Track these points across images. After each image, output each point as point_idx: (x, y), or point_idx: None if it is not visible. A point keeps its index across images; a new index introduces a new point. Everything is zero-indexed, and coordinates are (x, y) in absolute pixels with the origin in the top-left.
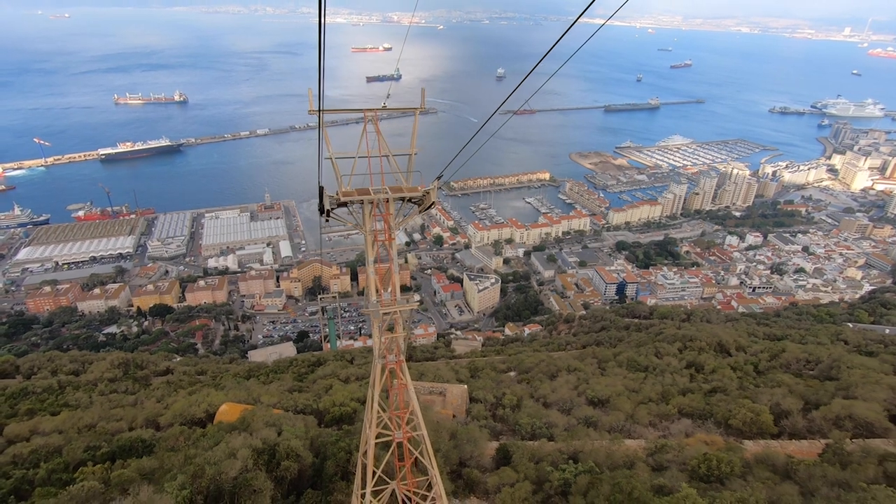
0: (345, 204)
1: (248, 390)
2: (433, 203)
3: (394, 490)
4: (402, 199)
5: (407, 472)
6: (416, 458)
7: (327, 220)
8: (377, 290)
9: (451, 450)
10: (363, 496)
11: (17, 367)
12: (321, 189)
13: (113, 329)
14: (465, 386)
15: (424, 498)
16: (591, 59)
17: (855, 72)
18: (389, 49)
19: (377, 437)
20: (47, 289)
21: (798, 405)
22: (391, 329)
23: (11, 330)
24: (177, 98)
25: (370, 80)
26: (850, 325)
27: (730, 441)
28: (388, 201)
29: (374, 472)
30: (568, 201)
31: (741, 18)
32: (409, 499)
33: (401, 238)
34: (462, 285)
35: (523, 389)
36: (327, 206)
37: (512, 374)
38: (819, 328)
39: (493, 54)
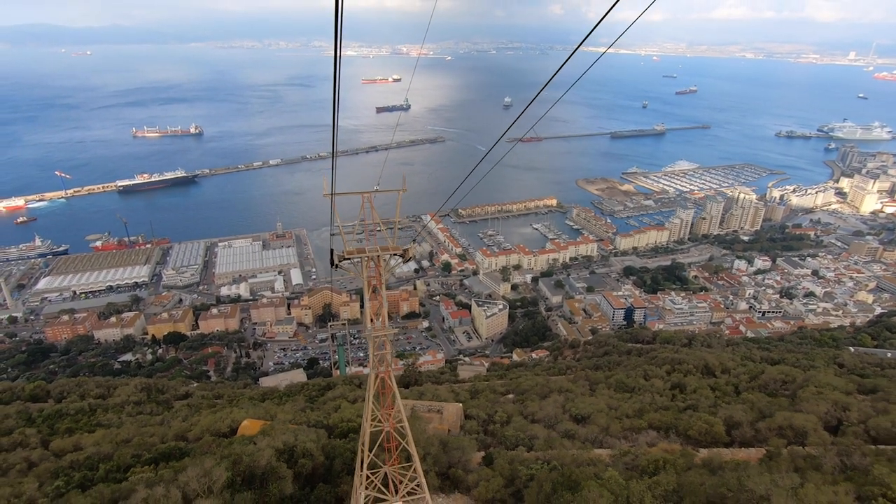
0: (348, 258)
1: (265, 409)
2: (412, 257)
3: (386, 473)
4: (389, 255)
5: (393, 454)
6: (403, 448)
7: (335, 269)
8: (371, 319)
9: (440, 454)
10: (362, 475)
11: (48, 391)
12: (332, 251)
13: (128, 357)
14: (461, 405)
15: (411, 479)
16: (596, 87)
17: (861, 95)
18: (399, 80)
19: (371, 428)
20: (65, 317)
21: (749, 417)
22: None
23: (30, 358)
24: (192, 131)
25: (380, 110)
26: (852, 349)
27: (686, 448)
28: (378, 257)
29: (368, 454)
30: (575, 227)
31: (745, 44)
32: (399, 481)
33: (410, 265)
34: (470, 311)
35: (515, 408)
36: (336, 262)
37: (510, 396)
38: (818, 352)
39: (500, 83)
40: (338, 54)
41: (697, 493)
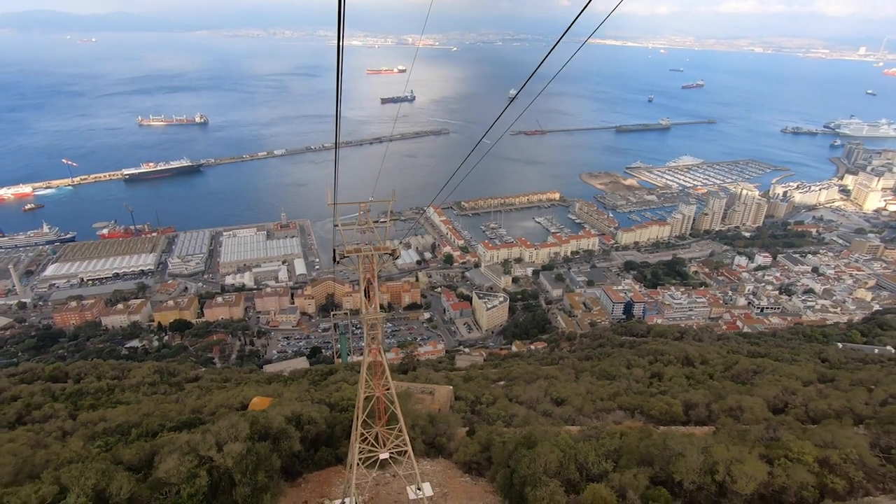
0: (347, 256)
1: (272, 389)
2: (399, 255)
3: (377, 433)
4: (381, 253)
5: (382, 417)
6: (392, 413)
7: (337, 264)
8: (366, 306)
9: (428, 427)
10: (357, 433)
11: (67, 372)
12: (334, 250)
13: (135, 343)
14: (451, 387)
15: (397, 437)
16: (602, 80)
17: (870, 91)
18: (404, 71)
19: (365, 394)
20: (73, 304)
21: (705, 400)
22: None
23: (40, 343)
24: (197, 120)
25: (384, 101)
26: (840, 344)
27: (646, 425)
28: (371, 255)
29: (362, 416)
30: (577, 221)
31: (754, 38)
32: (387, 438)
33: (412, 257)
34: (471, 303)
35: (501, 391)
36: (337, 259)
37: (501, 382)
38: (804, 347)
39: (505, 75)
40: (340, 62)
41: (633, 452)
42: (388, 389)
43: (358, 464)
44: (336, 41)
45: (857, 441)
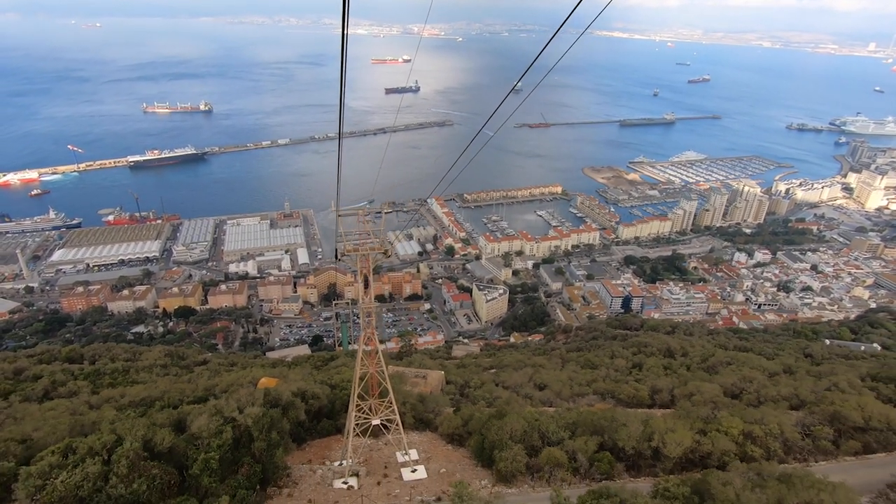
0: (347, 254)
1: (278, 371)
2: (391, 254)
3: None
4: (375, 252)
5: (375, 390)
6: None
7: (339, 261)
8: (363, 296)
9: (418, 405)
10: (353, 403)
11: (82, 354)
12: (336, 249)
13: (140, 328)
14: (442, 372)
15: (386, 407)
16: (608, 73)
17: (877, 88)
18: (408, 61)
19: (360, 371)
20: (80, 289)
21: (669, 386)
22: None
23: (48, 327)
24: (202, 107)
25: (389, 91)
26: (828, 341)
27: (613, 407)
28: (367, 254)
29: (358, 388)
30: (579, 215)
31: (763, 32)
32: (378, 408)
33: (414, 248)
34: (471, 295)
35: (490, 377)
36: (339, 256)
37: (493, 370)
38: (790, 343)
39: (511, 66)
40: (344, 65)
41: (587, 424)
42: (380, 368)
43: (354, 430)
44: (341, 26)
45: (781, 419)
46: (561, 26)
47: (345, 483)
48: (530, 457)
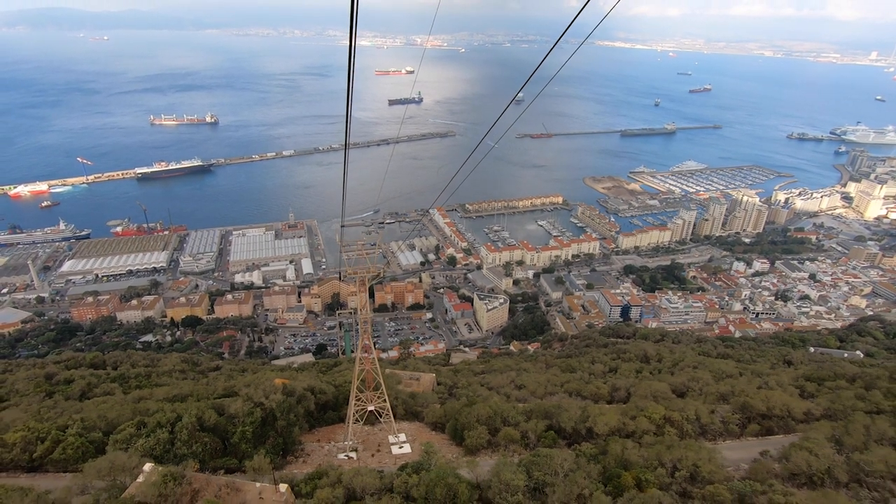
0: (349, 276)
1: (288, 375)
2: (383, 277)
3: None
4: (370, 275)
5: (370, 384)
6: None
7: (342, 280)
8: (362, 308)
9: (409, 401)
10: (353, 395)
11: (104, 361)
12: (340, 272)
13: (149, 337)
14: (434, 374)
15: (379, 397)
16: (609, 83)
17: (879, 97)
18: (412, 72)
19: (358, 368)
20: (89, 299)
21: (628, 385)
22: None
23: (59, 336)
24: (208, 119)
25: (392, 102)
26: (812, 349)
27: (563, 399)
28: (364, 277)
29: (356, 382)
30: (580, 225)
31: (764, 42)
32: (373, 399)
33: (416, 258)
34: (472, 304)
35: (477, 379)
36: (342, 277)
37: (483, 375)
38: (773, 350)
39: (513, 77)
40: (351, 69)
41: (540, 411)
42: (374, 366)
43: (354, 416)
44: (347, 41)
45: (700, 408)
46: (560, 37)
47: (346, 456)
48: (492, 435)
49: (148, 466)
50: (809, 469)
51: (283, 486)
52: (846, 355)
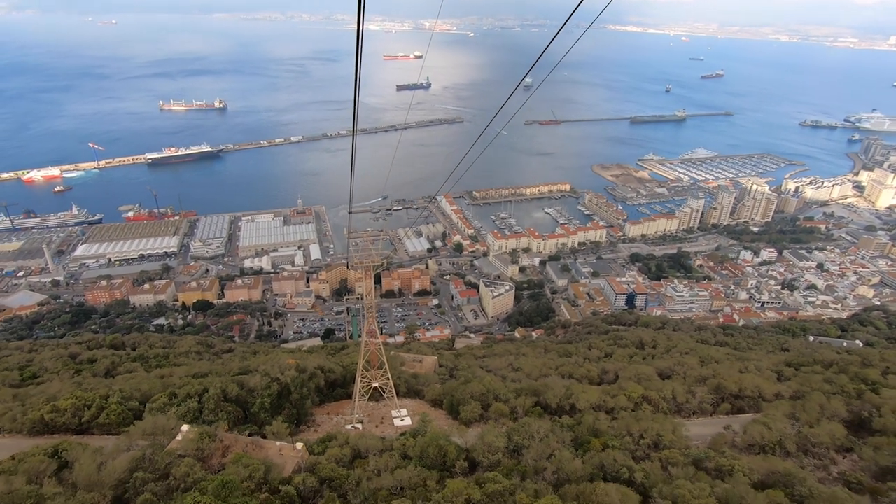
0: (355, 265)
1: (298, 356)
2: (385, 266)
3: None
4: (375, 264)
5: (375, 363)
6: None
7: (350, 269)
8: (367, 294)
9: (411, 380)
10: (359, 372)
11: (124, 342)
12: (347, 261)
13: (161, 321)
14: (436, 357)
15: (383, 374)
16: (620, 69)
17: None
18: (420, 57)
19: (364, 349)
20: (103, 283)
21: (616, 368)
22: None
23: (74, 319)
24: (217, 105)
25: (400, 88)
26: (812, 338)
27: (550, 378)
28: (369, 266)
29: (362, 361)
30: (587, 213)
31: (780, 26)
32: (377, 376)
33: (423, 244)
34: (478, 291)
35: (477, 362)
36: (349, 266)
37: (484, 359)
38: (771, 339)
39: (522, 62)
40: (359, 66)
41: (528, 389)
42: (378, 347)
43: (360, 392)
44: (355, 25)
45: (675, 388)
46: (567, 20)
47: (353, 427)
48: (485, 410)
49: (185, 427)
50: (763, 440)
51: (299, 444)
52: (845, 344)
